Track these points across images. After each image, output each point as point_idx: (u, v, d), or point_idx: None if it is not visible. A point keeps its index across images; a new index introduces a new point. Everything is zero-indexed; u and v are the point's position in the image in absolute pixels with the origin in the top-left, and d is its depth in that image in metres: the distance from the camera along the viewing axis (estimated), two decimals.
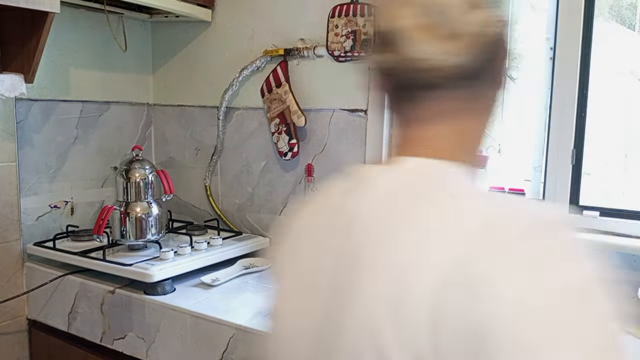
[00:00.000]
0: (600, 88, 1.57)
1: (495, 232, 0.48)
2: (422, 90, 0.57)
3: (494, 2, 0.56)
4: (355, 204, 0.56)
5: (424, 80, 0.56)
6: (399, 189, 0.55)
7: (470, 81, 0.56)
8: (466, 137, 0.60)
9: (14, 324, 1.83)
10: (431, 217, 0.51)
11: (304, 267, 0.60)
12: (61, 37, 1.91)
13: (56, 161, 1.95)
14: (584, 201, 1.60)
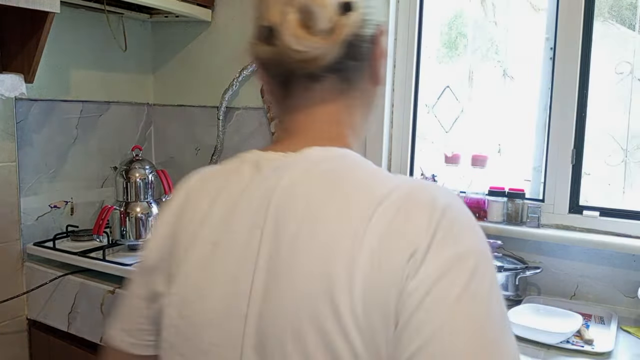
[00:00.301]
0: (600, 88, 1.57)
1: (409, 205, 0.54)
2: (300, 80, 0.63)
3: (368, 7, 0.62)
4: (275, 181, 0.60)
5: (302, 71, 0.61)
6: (309, 170, 0.59)
7: (343, 73, 0.63)
8: (346, 124, 0.65)
9: (13, 324, 1.83)
10: (346, 194, 0.56)
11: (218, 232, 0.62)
12: (61, 37, 1.91)
13: (56, 161, 1.95)
14: (584, 201, 1.60)
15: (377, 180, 0.58)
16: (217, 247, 0.61)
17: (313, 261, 0.54)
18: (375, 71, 0.67)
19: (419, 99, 1.84)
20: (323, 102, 0.64)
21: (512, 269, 1.50)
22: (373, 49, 0.65)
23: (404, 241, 0.52)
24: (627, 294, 1.49)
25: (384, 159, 1.81)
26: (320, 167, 0.59)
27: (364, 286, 0.51)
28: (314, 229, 0.55)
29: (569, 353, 1.21)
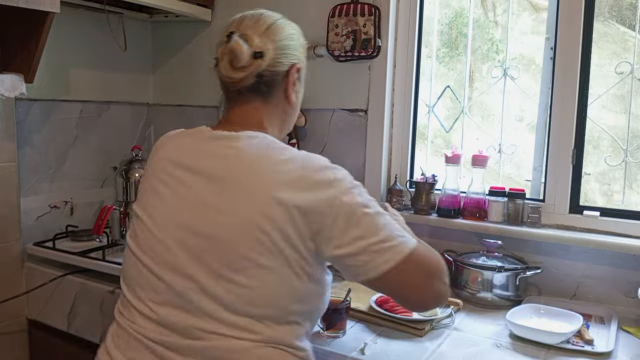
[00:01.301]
0: (600, 88, 1.57)
1: (304, 163, 0.92)
2: (233, 92, 1.02)
3: (279, 55, 1.00)
4: (233, 148, 0.95)
5: (232, 87, 1.01)
6: (256, 143, 0.95)
7: (260, 92, 1.01)
8: (265, 121, 1.02)
9: (13, 324, 1.83)
10: (269, 154, 0.93)
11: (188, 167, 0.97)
12: (61, 37, 1.91)
13: (56, 161, 1.95)
14: (584, 201, 1.60)
15: (281, 150, 0.94)
16: (175, 186, 0.96)
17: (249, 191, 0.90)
18: (287, 94, 1.04)
19: (419, 99, 1.84)
20: (248, 106, 1.02)
21: (512, 269, 1.50)
22: (285, 79, 1.02)
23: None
24: (628, 294, 1.48)
25: (384, 158, 1.81)
26: (253, 140, 0.96)
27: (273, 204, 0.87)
28: (250, 174, 0.91)
29: (569, 353, 1.21)
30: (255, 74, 0.98)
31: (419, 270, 0.93)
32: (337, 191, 0.89)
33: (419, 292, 0.95)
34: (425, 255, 0.94)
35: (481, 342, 1.27)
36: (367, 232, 0.89)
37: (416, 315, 1.34)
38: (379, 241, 0.89)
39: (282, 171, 0.90)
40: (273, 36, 1.00)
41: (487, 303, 1.50)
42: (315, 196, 0.88)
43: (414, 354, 1.20)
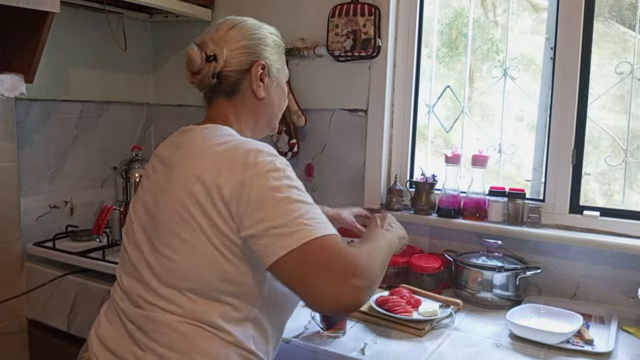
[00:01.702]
0: (600, 88, 1.57)
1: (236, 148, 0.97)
2: (204, 93, 1.13)
3: (234, 55, 1.06)
4: (183, 138, 1.07)
5: (200, 90, 1.12)
6: (205, 133, 1.04)
7: (225, 91, 1.09)
8: (233, 117, 1.10)
9: (13, 324, 1.83)
10: (206, 140, 1.01)
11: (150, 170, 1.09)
12: (61, 37, 1.91)
13: (56, 161, 1.95)
14: (584, 201, 1.60)
15: (221, 137, 1.01)
16: (149, 176, 1.07)
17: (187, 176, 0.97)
18: (253, 90, 1.09)
19: (419, 99, 1.84)
20: (216, 105, 1.11)
21: (512, 269, 1.50)
22: (247, 77, 1.09)
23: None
24: (627, 294, 1.49)
25: (384, 158, 1.81)
26: (205, 130, 1.05)
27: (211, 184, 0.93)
28: (187, 158, 0.99)
29: (569, 353, 1.21)
30: (211, 75, 1.06)
31: (320, 262, 0.85)
32: (251, 174, 0.90)
33: (315, 288, 0.85)
34: (336, 248, 0.86)
35: (481, 342, 1.27)
36: (270, 216, 0.87)
37: (416, 315, 1.34)
38: (281, 225, 0.86)
39: (210, 154, 0.96)
40: (229, 39, 1.07)
41: (487, 303, 1.50)
42: (232, 177, 0.91)
43: (414, 354, 1.20)
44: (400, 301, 1.37)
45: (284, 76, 1.18)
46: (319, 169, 1.91)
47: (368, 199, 1.82)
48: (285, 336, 1.23)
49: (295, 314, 1.09)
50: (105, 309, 1.09)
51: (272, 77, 1.12)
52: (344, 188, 1.88)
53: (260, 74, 1.09)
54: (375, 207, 1.78)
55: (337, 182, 1.89)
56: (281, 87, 1.17)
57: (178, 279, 0.95)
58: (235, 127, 1.08)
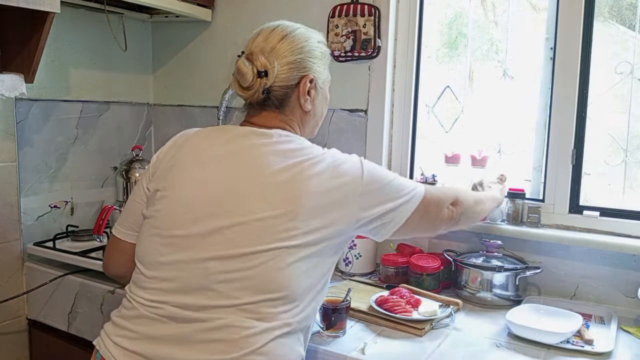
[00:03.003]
0: (600, 88, 1.57)
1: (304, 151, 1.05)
2: (250, 104, 1.12)
3: (284, 71, 1.06)
4: (266, 145, 1.05)
5: (247, 101, 1.11)
6: (282, 142, 1.05)
7: (273, 105, 1.09)
8: (284, 124, 1.11)
9: (14, 324, 1.83)
10: (301, 155, 1.03)
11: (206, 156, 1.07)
12: (61, 37, 1.91)
13: (56, 161, 1.95)
14: (584, 201, 1.60)
15: (311, 150, 1.06)
16: (205, 169, 1.04)
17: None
18: (300, 104, 1.11)
19: (419, 99, 1.84)
20: (265, 114, 1.11)
21: (512, 269, 1.50)
22: (295, 91, 1.10)
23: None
24: (627, 294, 1.49)
25: (384, 158, 1.81)
26: (282, 138, 1.07)
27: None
28: (286, 177, 1.00)
29: (569, 353, 1.21)
30: (262, 90, 1.06)
31: (431, 208, 1.13)
32: (355, 195, 1.03)
33: (431, 222, 1.16)
34: (434, 193, 1.16)
35: (481, 341, 1.27)
36: (385, 199, 1.06)
37: (416, 315, 1.34)
38: (398, 201, 1.08)
39: (309, 188, 0.99)
40: (279, 52, 1.06)
41: (487, 303, 1.50)
42: (334, 208, 1.01)
43: (414, 353, 1.20)
44: (400, 301, 1.38)
45: (327, 83, 1.19)
46: None
47: None
48: None
49: None
50: (125, 320, 1.02)
51: (318, 88, 1.14)
52: None
53: (308, 87, 1.10)
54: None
55: None
56: (325, 96, 1.19)
57: (266, 287, 0.95)
58: (290, 131, 1.11)
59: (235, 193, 0.99)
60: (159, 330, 0.96)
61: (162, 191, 1.05)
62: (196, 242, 0.98)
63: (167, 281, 0.99)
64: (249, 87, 1.06)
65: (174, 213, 1.02)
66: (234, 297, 0.94)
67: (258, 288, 0.94)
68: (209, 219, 0.98)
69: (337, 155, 1.06)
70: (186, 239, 0.99)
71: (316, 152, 1.05)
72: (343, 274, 1.71)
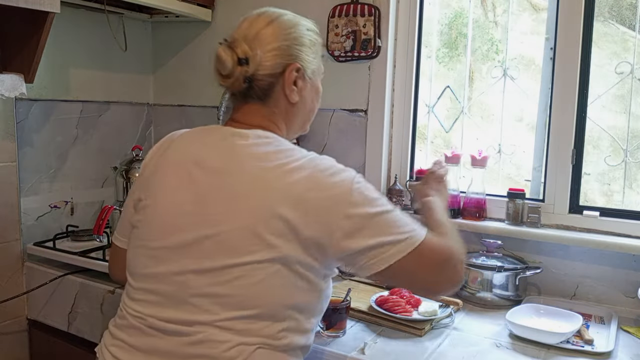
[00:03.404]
0: (600, 88, 1.57)
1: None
2: (235, 95, 1.05)
3: (268, 58, 0.99)
4: (240, 147, 0.98)
5: (228, 91, 1.04)
6: (260, 145, 0.98)
7: (256, 96, 1.02)
8: (266, 121, 1.03)
9: (14, 324, 1.83)
10: (277, 159, 0.95)
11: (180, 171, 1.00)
12: (61, 37, 1.91)
13: (56, 161, 1.95)
14: (583, 201, 1.60)
15: (289, 154, 0.96)
16: (183, 178, 0.98)
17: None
18: (286, 94, 1.03)
19: (419, 99, 1.84)
20: (249, 107, 1.04)
21: (512, 269, 1.50)
22: (280, 81, 1.01)
23: None
24: (627, 294, 1.49)
25: (384, 158, 1.81)
26: (262, 140, 0.99)
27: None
28: (258, 183, 0.93)
29: (569, 353, 1.21)
30: (242, 79, 0.99)
31: (427, 261, 0.95)
32: (342, 207, 0.91)
33: (426, 281, 0.97)
34: (435, 245, 0.97)
35: (481, 341, 1.27)
36: (373, 232, 0.92)
37: (416, 315, 1.34)
38: (387, 237, 0.92)
39: (286, 185, 0.91)
40: (264, 39, 0.99)
41: (487, 303, 1.50)
42: (320, 215, 0.91)
43: (414, 353, 1.20)
44: (400, 301, 1.37)
45: (319, 75, 1.11)
46: None
47: None
48: None
49: None
50: (119, 330, 1.00)
51: (307, 79, 1.05)
52: None
53: (295, 77, 1.02)
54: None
55: None
56: (315, 88, 1.10)
57: (243, 302, 0.90)
58: (277, 132, 1.03)
59: (208, 202, 0.93)
60: (148, 343, 0.94)
61: (144, 200, 1.01)
62: (174, 254, 0.94)
63: (152, 294, 0.96)
64: (229, 75, 0.98)
65: (155, 224, 0.98)
66: (211, 312, 0.90)
67: (232, 304, 0.90)
68: (186, 230, 0.93)
69: (324, 164, 0.96)
70: (166, 251, 0.95)
71: (296, 156, 0.96)
72: (343, 274, 1.71)
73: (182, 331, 0.91)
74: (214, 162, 0.97)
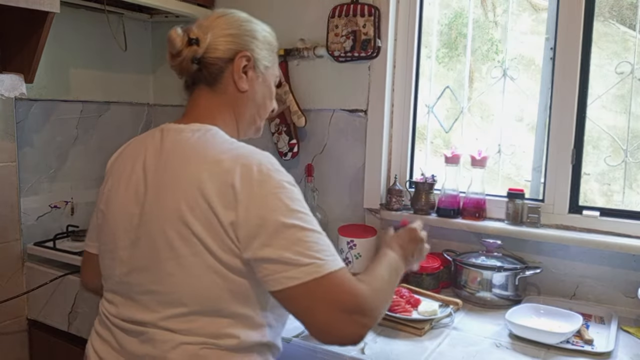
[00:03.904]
0: (600, 88, 1.57)
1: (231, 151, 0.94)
2: (186, 84, 1.07)
3: (220, 42, 1.02)
4: (171, 142, 0.99)
5: (179, 76, 1.07)
6: (199, 136, 0.98)
7: (205, 81, 1.03)
8: (215, 112, 1.04)
9: (14, 324, 1.83)
10: (205, 148, 0.95)
11: (126, 173, 1.03)
12: (61, 37, 1.92)
13: (56, 161, 1.95)
14: (583, 201, 1.60)
15: (217, 146, 0.95)
16: (128, 181, 1.00)
17: (179, 185, 0.92)
18: (235, 80, 1.03)
19: (419, 99, 1.84)
20: (198, 96, 1.05)
21: (512, 269, 1.50)
22: (230, 67, 1.03)
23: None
24: (627, 294, 1.49)
25: (383, 159, 1.81)
26: (195, 134, 0.98)
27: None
28: (182, 167, 0.93)
29: (569, 353, 1.21)
30: (191, 58, 1.01)
31: (328, 298, 0.84)
32: (260, 192, 0.87)
33: (319, 321, 0.84)
34: (346, 285, 0.85)
35: (481, 341, 1.27)
36: (279, 243, 0.85)
37: (416, 315, 1.34)
38: (290, 255, 0.84)
39: (212, 165, 0.90)
40: (217, 26, 1.03)
41: (487, 303, 1.50)
42: (238, 194, 0.87)
43: (414, 353, 1.20)
44: (399, 300, 1.38)
45: (272, 76, 1.11)
46: (319, 169, 1.91)
47: (368, 199, 1.83)
48: (285, 336, 1.23)
49: None
50: (98, 324, 1.04)
51: (258, 72, 1.06)
52: (344, 188, 1.88)
53: (244, 65, 1.03)
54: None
55: (337, 182, 1.89)
56: (267, 85, 1.10)
57: (179, 299, 0.90)
58: (220, 124, 1.02)
59: (145, 200, 0.95)
60: (116, 340, 0.97)
61: (100, 205, 1.06)
62: (123, 255, 0.97)
63: (114, 294, 1.00)
64: (178, 54, 1.01)
65: (108, 229, 1.01)
66: (154, 310, 0.92)
67: (169, 301, 0.90)
68: (129, 231, 0.96)
69: (256, 158, 0.92)
70: (117, 253, 0.98)
71: (227, 146, 0.95)
72: None
73: (136, 330, 0.94)
74: (150, 160, 0.99)
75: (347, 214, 1.87)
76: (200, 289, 0.89)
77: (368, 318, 0.86)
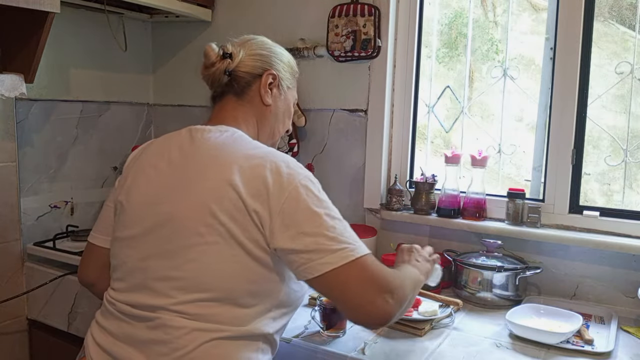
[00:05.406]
0: (600, 88, 1.57)
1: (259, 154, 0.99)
2: (215, 93, 1.16)
3: (252, 59, 1.12)
4: (200, 139, 1.05)
5: (210, 86, 1.17)
6: (227, 136, 1.05)
7: (234, 92, 1.13)
8: (241, 120, 1.12)
9: (14, 324, 1.83)
10: (234, 145, 1.02)
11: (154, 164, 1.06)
12: (61, 37, 1.91)
13: (56, 161, 1.95)
14: (583, 201, 1.60)
15: (245, 144, 1.03)
16: (153, 174, 1.04)
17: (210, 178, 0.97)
18: (261, 94, 1.13)
19: (419, 99, 1.84)
20: (224, 103, 1.14)
21: (512, 269, 1.50)
22: (257, 82, 1.13)
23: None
24: (627, 294, 1.49)
25: (384, 158, 1.81)
26: (223, 134, 1.05)
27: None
28: (211, 160, 0.99)
29: (569, 353, 1.21)
30: (223, 70, 1.11)
31: (361, 280, 0.91)
32: (288, 186, 0.93)
33: (355, 302, 0.91)
34: (375, 267, 0.93)
35: (481, 341, 1.27)
36: (313, 231, 0.91)
37: (416, 315, 1.34)
38: (324, 242, 0.90)
39: (241, 161, 0.96)
40: (248, 46, 1.14)
41: (487, 303, 1.50)
42: (267, 188, 0.93)
43: (414, 353, 1.20)
44: None
45: (292, 97, 1.22)
46: (319, 169, 1.91)
47: (368, 199, 1.83)
48: (285, 336, 1.23)
49: (295, 313, 1.09)
50: (100, 315, 1.06)
51: (282, 90, 1.17)
52: (344, 188, 1.88)
53: (270, 83, 1.14)
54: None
55: (337, 182, 1.89)
56: (287, 104, 1.20)
57: (198, 285, 0.93)
58: (244, 130, 1.10)
59: (168, 190, 1.00)
60: (119, 327, 0.99)
61: (119, 197, 1.09)
62: (138, 241, 1.00)
63: (122, 281, 1.02)
64: (212, 65, 1.11)
65: (126, 217, 1.05)
66: (169, 296, 0.94)
67: (188, 287, 0.93)
68: (148, 218, 1.00)
69: (283, 157, 0.99)
70: (132, 240, 1.01)
71: (254, 144, 1.03)
72: None
73: (145, 316, 0.95)
74: (176, 155, 1.04)
75: (347, 214, 1.85)
76: (221, 276, 0.93)
77: (396, 298, 0.93)
